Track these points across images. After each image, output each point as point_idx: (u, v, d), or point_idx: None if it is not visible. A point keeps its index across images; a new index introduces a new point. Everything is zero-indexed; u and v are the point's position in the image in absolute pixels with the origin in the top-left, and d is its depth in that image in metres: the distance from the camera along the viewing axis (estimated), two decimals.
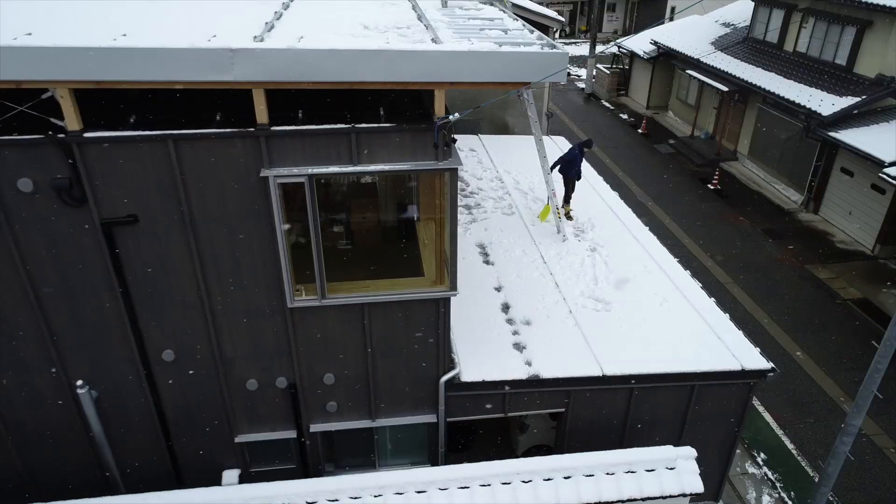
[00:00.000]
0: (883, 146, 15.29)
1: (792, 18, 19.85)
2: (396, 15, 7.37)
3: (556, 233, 10.93)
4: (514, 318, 8.59)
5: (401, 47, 5.54)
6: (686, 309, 9.01)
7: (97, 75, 5.22)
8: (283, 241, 6.17)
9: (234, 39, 5.47)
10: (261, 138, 5.75)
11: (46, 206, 5.77)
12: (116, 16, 6.19)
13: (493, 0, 8.70)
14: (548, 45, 6.03)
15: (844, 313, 13.97)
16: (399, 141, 5.94)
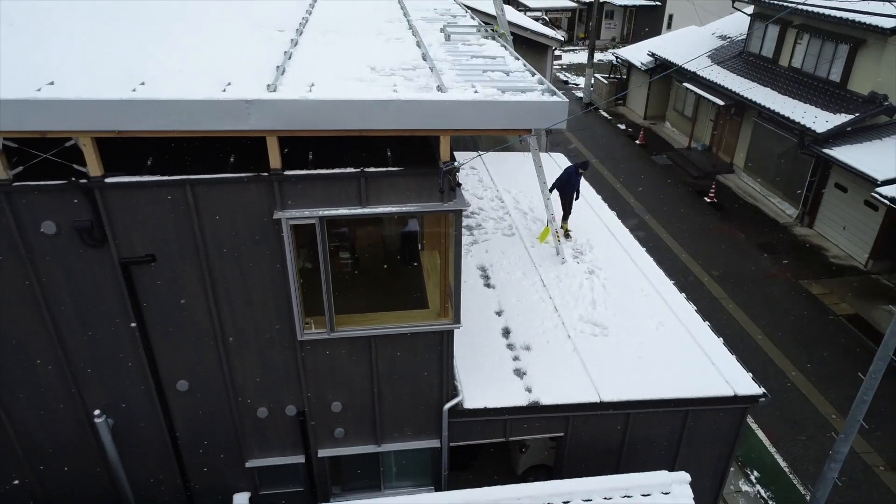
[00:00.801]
0: (875, 164, 15.60)
1: (787, 34, 20.17)
2: (401, 53, 7.62)
3: (556, 255, 11.21)
4: (514, 343, 8.86)
5: (408, 97, 5.80)
6: (681, 333, 9.28)
7: (119, 125, 5.47)
8: (294, 279, 6.43)
9: (249, 89, 5.74)
10: (274, 182, 6.01)
11: (68, 246, 6.02)
12: (129, 52, 6.47)
13: (493, 35, 8.96)
14: (548, 92, 6.30)
15: (837, 329, 14.26)
16: (406, 184, 6.21)
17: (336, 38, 8.29)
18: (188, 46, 7.16)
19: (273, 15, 9.58)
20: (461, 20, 10.17)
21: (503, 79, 6.74)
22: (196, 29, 8.07)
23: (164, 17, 8.74)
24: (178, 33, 7.74)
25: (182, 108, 5.46)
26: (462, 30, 9.01)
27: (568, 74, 37.19)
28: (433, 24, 9.76)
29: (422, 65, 7.11)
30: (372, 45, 8.00)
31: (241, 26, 8.48)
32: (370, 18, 9.84)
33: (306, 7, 10.25)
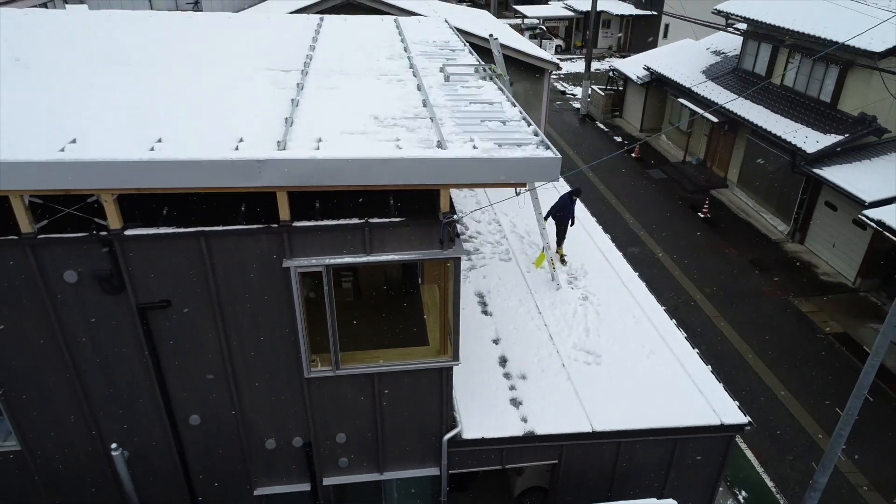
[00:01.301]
0: (864, 185, 15.99)
1: (779, 53, 20.56)
2: (403, 99, 7.96)
3: (551, 280, 11.58)
4: (510, 373, 9.23)
5: (409, 154, 6.14)
6: (670, 361, 9.65)
7: (139, 184, 5.82)
8: (301, 322, 6.78)
9: (260, 146, 6.09)
10: (283, 234, 6.37)
11: (88, 293, 6.37)
12: (144, 102, 6.84)
13: (491, 75, 9.29)
14: (542, 146, 6.65)
15: (825, 348, 14.64)
16: (408, 233, 6.57)
17: (339, 80, 8.65)
18: (199, 92, 7.53)
19: (278, 50, 9.95)
20: (460, 56, 10.50)
21: (500, 129, 7.08)
22: (205, 70, 8.44)
23: (172, 55, 9.11)
24: (187, 75, 8.11)
25: (198, 168, 5.82)
26: (461, 69, 9.35)
27: (566, 84, 37.56)
28: (433, 60, 10.12)
29: (423, 113, 7.46)
30: (374, 89, 8.35)
31: (248, 66, 8.85)
32: (372, 54, 10.18)
33: (309, 41, 10.63)
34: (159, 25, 11.34)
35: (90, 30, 10.76)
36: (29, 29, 10.72)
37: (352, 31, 11.94)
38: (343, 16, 13.46)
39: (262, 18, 13.36)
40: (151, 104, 7.02)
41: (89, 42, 9.94)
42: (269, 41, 10.74)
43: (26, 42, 9.64)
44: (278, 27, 11.92)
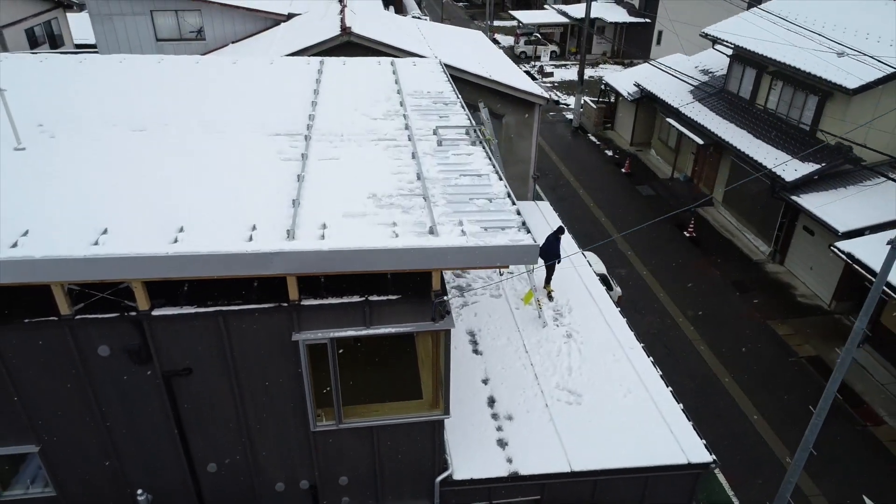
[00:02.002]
0: (838, 214, 16.80)
1: (763, 78, 21.29)
2: (399, 172, 8.68)
3: (538, 317, 12.40)
4: (498, 413, 10.06)
5: (404, 244, 6.90)
6: (645, 400, 10.49)
7: (165, 274, 6.59)
8: (308, 386, 7.59)
9: (271, 234, 6.86)
10: (292, 311, 7.17)
11: (119, 364, 7.17)
12: (164, 187, 7.58)
13: (480, 138, 10.01)
14: (523, 229, 7.42)
15: (798, 372, 15.52)
16: (403, 309, 7.38)
17: (340, 148, 9.39)
18: (213, 167, 8.29)
19: (283, 108, 10.65)
20: (452, 113, 11.18)
21: (486, 208, 7.86)
22: (217, 138, 9.21)
23: (185, 117, 9.83)
24: (201, 146, 8.87)
25: (217, 260, 6.59)
26: (452, 133, 10.12)
27: (559, 94, 38.20)
28: (427, 118, 10.85)
29: (417, 189, 8.22)
30: (373, 159, 9.07)
31: (257, 131, 9.59)
32: (370, 112, 10.87)
33: (311, 96, 11.33)
34: (170, 75, 12.03)
35: (105, 82, 11.47)
36: (46, 81, 11.43)
37: (351, 81, 12.59)
38: (342, 59, 14.08)
39: (265, 65, 13.95)
40: (171, 184, 7.78)
41: (106, 100, 10.62)
42: (273, 97, 11.41)
43: (46, 100, 10.36)
44: (281, 77, 12.57)
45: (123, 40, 19.61)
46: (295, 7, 21.23)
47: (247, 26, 19.90)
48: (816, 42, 19.40)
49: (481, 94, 16.70)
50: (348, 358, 9.11)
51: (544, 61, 44.83)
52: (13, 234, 6.64)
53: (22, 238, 6.58)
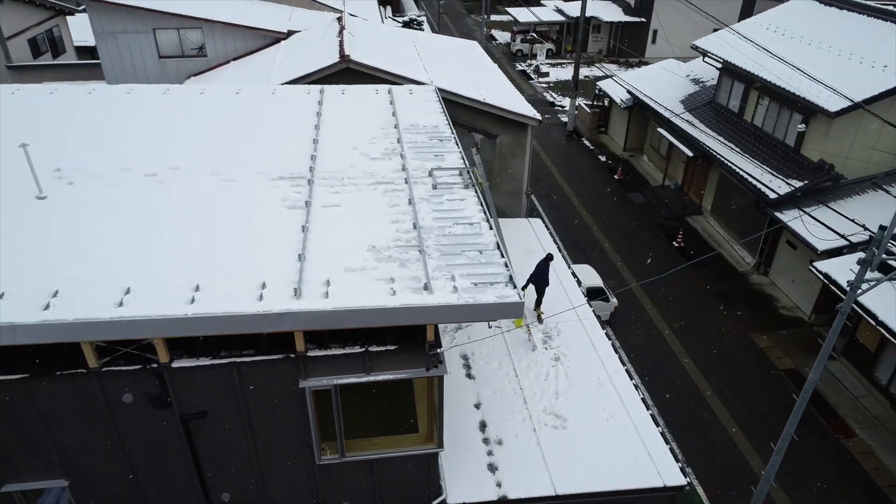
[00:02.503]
0: (819, 232, 17.47)
1: (750, 93, 21.86)
2: (396, 221, 9.32)
3: (528, 340, 13.12)
4: (489, 438, 10.81)
5: (401, 303, 7.55)
6: (626, 424, 11.24)
7: (184, 333, 7.27)
8: (314, 425, 8.31)
9: (280, 293, 7.53)
10: (299, 361, 7.86)
11: (141, 409, 7.87)
12: (177, 236, 8.23)
13: (473, 181, 10.64)
14: (510, 284, 8.09)
15: (776, 384, 16.31)
16: (400, 358, 8.08)
17: (341, 193, 10.03)
18: (223, 218, 8.92)
19: (286, 149, 11.23)
20: (447, 150, 11.77)
21: (477, 260, 8.52)
22: (225, 185, 9.83)
23: (195, 162, 10.43)
24: (212, 195, 9.49)
25: (231, 321, 7.27)
26: (447, 174, 10.76)
27: (554, 95, 38.66)
28: (423, 157, 11.48)
29: (413, 240, 8.87)
30: (372, 206, 9.71)
31: (262, 175, 10.21)
32: (369, 152, 11.47)
33: (312, 134, 11.93)
34: (177, 110, 12.63)
35: (115, 118, 12.05)
36: (59, 117, 11.99)
37: (350, 114, 13.14)
38: (342, 88, 14.60)
39: (267, 94, 14.42)
40: (184, 237, 8.43)
41: (118, 140, 11.20)
42: (276, 133, 11.97)
43: (61, 139, 10.98)
44: (283, 110, 13.08)
45: (127, 57, 20.09)
46: (294, 22, 21.69)
47: (247, 43, 20.38)
48: (807, 58, 19.99)
49: (476, 117, 17.29)
50: (350, 396, 9.83)
51: (540, 60, 45.17)
52: (45, 295, 7.30)
53: (53, 299, 7.24)
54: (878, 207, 18.10)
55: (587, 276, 18.43)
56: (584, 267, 19.00)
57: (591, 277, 18.44)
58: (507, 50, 47.79)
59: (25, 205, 9.21)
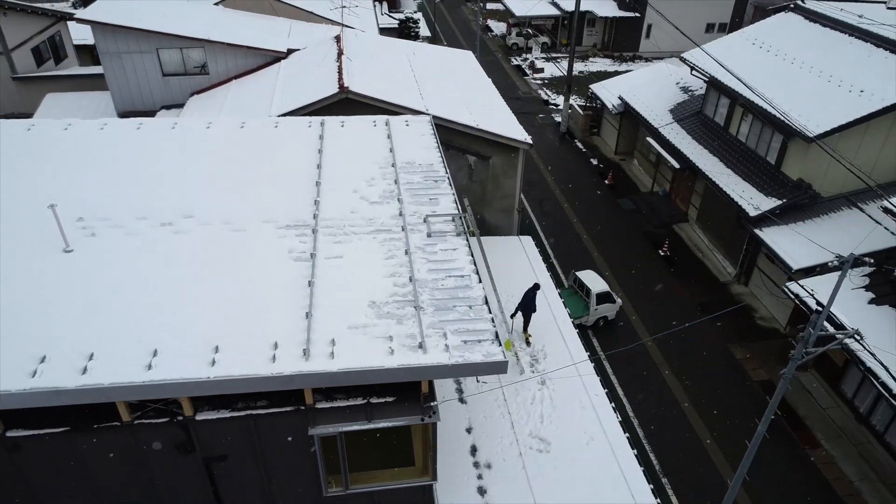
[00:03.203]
0: (794, 250, 18.45)
1: (735, 108, 22.62)
2: (394, 274, 10.24)
3: (516, 364, 14.14)
4: (479, 461, 11.89)
5: (398, 363, 8.49)
6: (604, 448, 12.32)
7: (206, 392, 8.24)
8: (321, 464, 9.34)
9: (291, 356, 8.47)
10: (308, 412, 8.85)
11: (169, 454, 8.88)
12: (195, 294, 9.13)
13: (464, 229, 11.52)
14: (496, 341, 9.05)
15: (750, 396, 17.42)
16: (398, 408, 9.07)
17: (343, 240, 10.92)
18: (235, 278, 9.79)
19: (290, 194, 12.03)
20: (441, 194, 12.59)
21: (467, 315, 9.47)
22: (234, 233, 10.68)
23: (207, 209, 11.22)
24: (222, 248, 10.33)
25: (248, 382, 8.23)
26: (440, 221, 11.65)
27: (549, 92, 39.20)
28: (419, 198, 12.35)
29: (409, 294, 9.79)
30: (371, 256, 10.62)
31: (269, 224, 11.07)
32: (368, 195, 12.31)
33: (315, 176, 12.73)
34: (187, 148, 13.39)
35: (128, 159, 12.82)
36: (75, 158, 12.72)
37: (349, 151, 13.88)
38: (342, 120, 15.33)
39: (271, 127, 15.07)
40: (202, 294, 9.33)
41: (133, 185, 11.97)
42: (281, 174, 12.73)
43: (79, 183, 11.78)
44: (286, 147, 13.77)
45: (132, 75, 20.72)
46: (293, 38, 22.28)
47: (248, 61, 21.00)
48: (789, 77, 20.73)
49: (470, 140, 18.09)
50: (353, 435, 10.83)
51: (535, 54, 45.57)
52: (82, 357, 8.24)
53: (90, 363, 8.18)
54: (851, 223, 19.07)
55: (594, 282, 19.71)
56: (588, 273, 20.24)
57: (598, 283, 19.71)
58: (503, 43, 48.11)
59: (55, 259, 10.08)
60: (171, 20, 20.66)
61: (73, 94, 24.25)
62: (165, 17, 20.79)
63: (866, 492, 14.86)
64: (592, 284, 19.61)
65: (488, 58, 44.62)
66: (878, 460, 15.55)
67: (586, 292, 19.66)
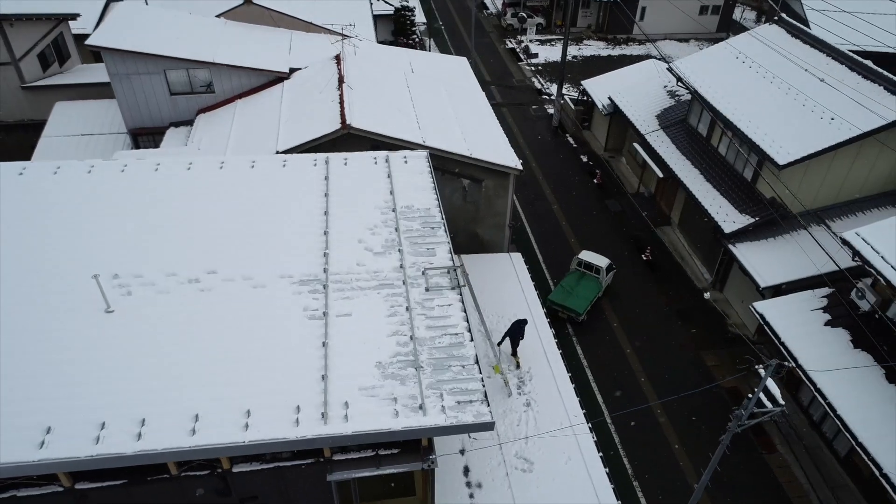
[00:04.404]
0: (764, 268, 19.96)
1: (716, 123, 23.74)
2: (396, 330, 11.78)
3: (504, 386, 15.83)
4: (471, 482, 13.68)
5: (402, 425, 10.13)
6: (580, 467, 14.12)
7: (242, 453, 9.84)
8: (337, 499, 11.05)
9: (310, 419, 10.08)
10: (326, 464, 10.50)
11: (209, 498, 10.56)
12: (222, 358, 10.68)
13: (457, 282, 12.99)
14: (485, 401, 10.65)
15: (717, 402, 19.22)
16: (402, 458, 10.73)
17: (351, 295, 12.44)
18: (259, 339, 11.31)
19: (302, 254, 13.42)
20: (437, 243, 14.03)
21: (460, 375, 11.08)
22: (256, 303, 12.10)
23: (228, 272, 12.61)
24: (241, 306, 11.77)
25: (277, 444, 9.84)
26: (437, 274, 13.12)
27: (543, 81, 39.81)
28: (417, 248, 13.81)
29: (410, 353, 11.37)
30: (376, 309, 12.14)
31: (283, 280, 12.52)
32: (373, 245, 13.74)
33: (322, 226, 14.09)
34: (205, 192, 14.74)
35: (151, 204, 14.12)
36: (102, 204, 14.00)
37: (353, 196, 15.17)
38: (345, 158, 16.51)
39: (279, 167, 16.18)
40: (232, 356, 10.88)
41: (159, 237, 13.34)
42: (293, 222, 14.11)
43: (109, 235, 13.13)
44: (295, 191, 15.07)
45: (140, 94, 21.64)
46: (294, 54, 23.08)
47: (251, 80, 21.91)
48: (767, 98, 21.84)
49: (465, 166, 19.31)
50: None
51: (530, 35, 45.89)
52: (135, 423, 9.84)
53: (143, 428, 9.77)
54: (822, 238, 20.48)
55: (598, 259, 22.52)
56: (588, 253, 22.91)
57: (601, 259, 22.58)
58: (498, 23, 48.28)
59: (100, 321, 11.54)
60: (177, 41, 21.45)
61: (82, 103, 25.08)
62: (172, 38, 21.56)
63: (814, 494, 16.82)
64: (599, 261, 22.36)
65: (483, 39, 44.95)
66: (826, 465, 17.49)
67: (595, 270, 22.40)
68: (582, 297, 21.75)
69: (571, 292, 21.88)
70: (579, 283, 22.29)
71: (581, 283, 22.27)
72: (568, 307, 21.47)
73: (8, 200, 13.83)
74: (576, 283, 22.24)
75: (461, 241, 20.95)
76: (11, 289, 11.89)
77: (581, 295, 21.80)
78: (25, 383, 10.30)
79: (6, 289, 11.87)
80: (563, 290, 22.03)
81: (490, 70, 41.17)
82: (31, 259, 12.55)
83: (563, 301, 21.64)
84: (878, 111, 19.24)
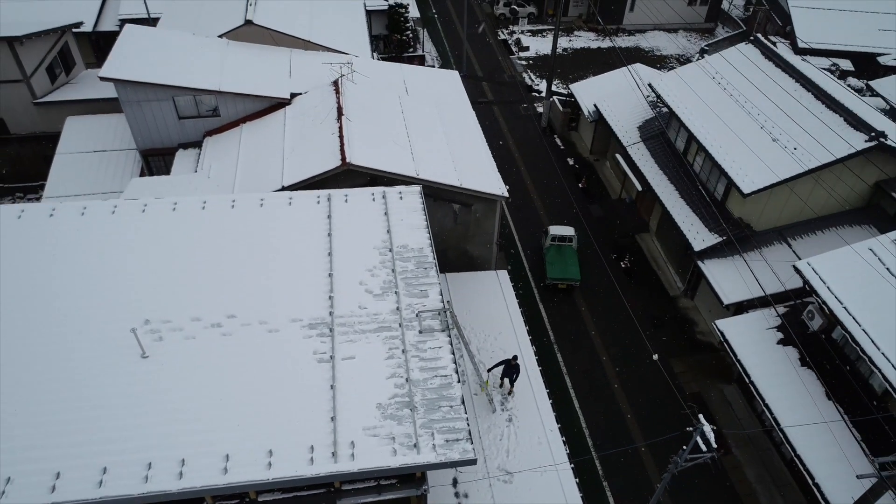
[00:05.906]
0: (728, 285, 21.88)
1: (692, 141, 25.29)
2: (394, 373, 13.71)
3: (489, 403, 17.88)
4: (459, 492, 15.83)
5: (399, 463, 12.13)
6: (553, 479, 16.27)
7: (266, 488, 11.86)
8: None
9: (324, 457, 12.08)
10: (336, 494, 12.55)
11: None
12: (246, 401, 12.63)
13: (447, 327, 14.85)
14: (469, 439, 12.66)
15: (681, 408, 21.40)
16: (401, 486, 12.77)
17: (354, 338, 14.32)
18: (276, 383, 13.21)
19: (310, 298, 15.22)
20: (430, 285, 15.85)
21: (448, 416, 13.06)
22: (272, 348, 13.92)
23: (245, 317, 14.40)
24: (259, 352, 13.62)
25: (296, 481, 11.84)
26: (429, 317, 14.98)
27: (533, 76, 40.91)
28: (412, 290, 15.65)
29: (406, 395, 13.33)
30: (376, 352, 14.05)
31: (294, 324, 14.37)
32: (373, 287, 15.56)
33: (327, 268, 15.85)
34: (218, 232, 16.41)
35: (171, 248, 15.82)
36: (126, 248, 15.71)
37: (353, 235, 16.88)
38: (345, 194, 18.15)
39: (285, 204, 17.80)
40: (254, 399, 12.81)
41: (182, 279, 15.09)
42: (300, 264, 15.87)
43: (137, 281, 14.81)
44: (300, 231, 16.76)
45: (150, 119, 23.00)
46: (294, 78, 24.31)
47: (255, 105, 23.24)
48: (737, 124, 23.39)
49: (455, 194, 20.94)
50: None
51: (522, 26, 46.64)
52: (176, 464, 11.82)
53: (183, 468, 11.76)
54: (784, 256, 22.40)
55: (563, 230, 26.03)
56: (557, 227, 26.21)
57: (566, 229, 26.16)
58: (491, 11, 48.89)
59: (137, 367, 13.40)
60: (184, 68, 22.68)
61: (92, 118, 26.32)
62: (179, 65, 22.78)
63: (761, 493, 19.14)
64: (567, 231, 26.03)
65: (476, 30, 45.69)
66: (774, 465, 19.77)
67: (569, 239, 25.80)
68: (571, 265, 25.15)
69: (564, 266, 25.11)
70: (562, 255, 25.45)
71: (563, 254, 25.53)
72: (568, 278, 24.85)
73: (36, 241, 15.49)
74: (560, 256, 25.42)
75: (451, 258, 22.75)
76: (52, 337, 13.66)
77: (570, 263, 25.22)
78: (82, 428, 12.21)
79: (46, 337, 13.64)
80: (554, 266, 25.15)
81: (482, 64, 42.15)
82: (65, 305, 14.26)
83: (563, 275, 24.89)
84: (834, 145, 20.84)
